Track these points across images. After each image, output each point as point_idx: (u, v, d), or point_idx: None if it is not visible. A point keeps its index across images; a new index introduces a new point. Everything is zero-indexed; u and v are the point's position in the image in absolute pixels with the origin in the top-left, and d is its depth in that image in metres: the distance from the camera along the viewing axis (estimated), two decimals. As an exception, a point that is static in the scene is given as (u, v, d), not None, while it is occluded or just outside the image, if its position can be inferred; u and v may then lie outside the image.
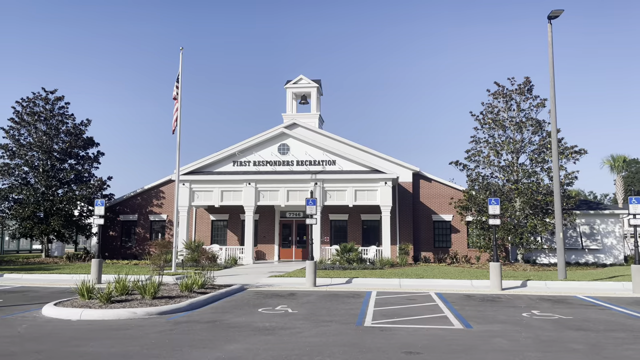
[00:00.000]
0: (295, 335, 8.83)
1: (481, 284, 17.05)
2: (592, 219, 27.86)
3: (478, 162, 25.72)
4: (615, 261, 27.09)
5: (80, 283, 12.35)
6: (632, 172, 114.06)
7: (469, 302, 13.07)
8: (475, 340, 8.49)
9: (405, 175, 28.77)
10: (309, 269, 16.62)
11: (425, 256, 27.98)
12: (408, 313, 11.28)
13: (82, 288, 11.98)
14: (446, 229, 29.09)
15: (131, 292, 12.98)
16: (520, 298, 14.02)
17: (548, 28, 19.29)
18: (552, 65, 19.29)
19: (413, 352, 7.62)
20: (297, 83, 31.23)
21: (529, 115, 25.07)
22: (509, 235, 24.21)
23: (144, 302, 11.80)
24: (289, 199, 26.71)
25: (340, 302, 12.94)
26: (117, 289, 12.47)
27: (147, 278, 13.46)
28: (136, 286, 12.48)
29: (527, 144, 25.16)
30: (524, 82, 25.18)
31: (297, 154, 27.83)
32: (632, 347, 8.06)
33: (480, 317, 10.76)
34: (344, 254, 23.61)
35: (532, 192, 23.86)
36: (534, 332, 9.17)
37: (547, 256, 27.42)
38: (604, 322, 10.24)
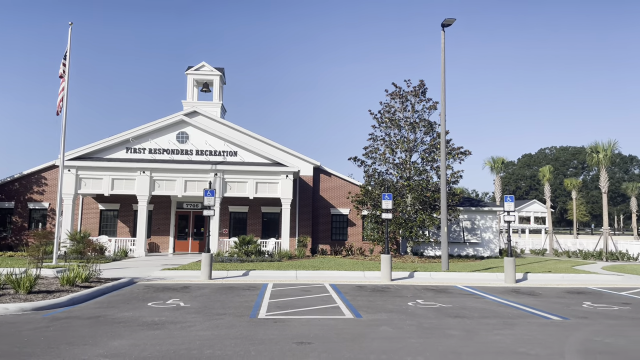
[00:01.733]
0: (185, 330, 8.59)
1: (373, 275, 17.83)
2: (473, 215, 30.30)
3: (375, 159, 26.79)
4: (491, 254, 29.73)
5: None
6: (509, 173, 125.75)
7: (360, 293, 13.60)
8: (363, 329, 8.86)
9: (306, 169, 29.16)
10: (204, 262, 16.25)
11: (322, 248, 28.63)
12: (302, 304, 11.47)
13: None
14: (343, 222, 29.98)
15: (3, 286, 11.80)
16: (407, 288, 14.88)
17: (441, 35, 20.57)
18: (444, 70, 20.62)
19: (304, 342, 7.77)
20: (199, 70, 30.26)
21: (422, 116, 26.58)
22: (400, 229, 25.55)
23: (17, 297, 10.79)
24: (187, 190, 25.87)
25: (236, 295, 12.82)
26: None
27: (23, 271, 12.30)
28: (9, 280, 11.37)
29: (419, 143, 26.67)
30: (418, 84, 26.64)
31: (197, 143, 27.01)
32: (501, 332, 8.89)
33: (370, 307, 11.25)
34: (242, 247, 23.41)
35: (422, 189, 25.37)
36: (417, 320, 9.79)
37: (434, 249, 29.37)
38: (479, 310, 11.20)
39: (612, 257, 29.94)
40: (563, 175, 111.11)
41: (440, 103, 21.53)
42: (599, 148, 35.32)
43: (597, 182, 37.61)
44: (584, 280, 17.80)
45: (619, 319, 10.36)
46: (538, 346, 7.80)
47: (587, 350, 7.57)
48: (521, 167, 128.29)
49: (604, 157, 34.94)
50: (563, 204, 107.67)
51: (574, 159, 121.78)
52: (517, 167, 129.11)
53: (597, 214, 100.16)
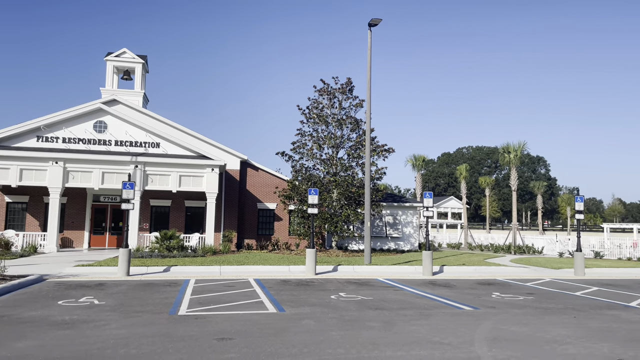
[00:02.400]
0: (99, 329, 8.19)
1: (298, 269, 17.96)
2: (396, 210, 31.36)
3: (302, 154, 26.93)
4: (412, 248, 30.94)
5: None
6: (430, 170, 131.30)
7: (284, 287, 13.65)
8: (286, 323, 8.90)
9: (233, 163, 28.71)
10: (122, 257, 15.55)
11: (248, 243, 28.38)
12: (225, 300, 11.32)
13: None
14: (270, 217, 29.88)
15: None
16: (331, 282, 15.13)
17: (368, 35, 21.03)
18: (370, 69, 21.10)
19: (226, 338, 7.67)
20: (120, 56, 28.80)
21: (349, 113, 27.07)
22: (326, 223, 25.91)
23: None
24: (105, 182, 24.58)
25: (155, 292, 12.40)
26: None
27: None
28: None
29: (346, 140, 27.15)
30: (346, 82, 27.08)
31: (116, 133, 25.72)
32: (417, 322, 9.29)
33: (293, 301, 11.32)
34: (164, 242, 22.64)
35: (347, 185, 25.87)
36: (339, 313, 9.98)
37: (357, 243, 30.08)
38: (398, 302, 11.62)
39: (519, 251, 32.21)
40: (478, 173, 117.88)
41: (366, 101, 22.02)
42: (510, 149, 37.81)
43: (508, 181, 40.32)
44: (494, 273, 19.01)
45: (523, 308, 11.17)
46: (451, 335, 8.23)
47: (495, 338, 8.10)
48: (440, 165, 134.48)
49: (515, 157, 37.45)
50: (478, 201, 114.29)
51: (488, 159, 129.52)
52: (436, 165, 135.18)
53: (507, 210, 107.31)
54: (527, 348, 7.49)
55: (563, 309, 11.07)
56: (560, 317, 10.14)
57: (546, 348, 7.53)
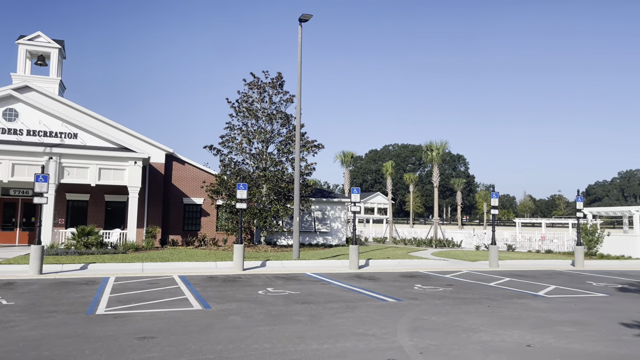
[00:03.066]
0: (7, 330, 7.61)
1: (225, 265, 17.69)
2: (324, 205, 31.73)
3: (232, 149, 26.49)
4: (339, 242, 31.47)
5: None
6: (358, 167, 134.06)
7: (211, 284, 13.40)
8: (212, 320, 8.74)
9: (157, 156, 27.67)
10: (34, 255, 14.54)
11: (173, 239, 27.53)
12: (148, 297, 10.92)
13: None
14: (197, 212, 29.16)
15: None
16: (259, 277, 15.05)
17: (299, 30, 21.05)
18: (300, 65, 21.15)
19: (147, 337, 7.41)
20: (34, 40, 26.79)
21: (279, 108, 26.97)
22: (255, 219, 25.70)
23: None
24: (15, 174, 22.79)
25: (71, 290, 11.72)
26: None
27: None
28: None
29: (276, 135, 27.03)
30: (276, 76, 26.95)
31: (28, 122, 23.94)
32: (343, 315, 9.47)
33: (219, 297, 11.14)
34: (81, 238, 21.40)
35: (277, 180, 25.80)
36: (266, 308, 9.96)
37: (287, 238, 30.12)
38: (325, 295, 11.79)
39: (440, 244, 33.75)
40: (403, 170, 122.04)
41: (296, 96, 22.05)
42: (433, 147, 39.47)
43: (431, 178, 42.09)
44: (417, 265, 19.78)
45: (443, 299, 11.72)
46: (375, 326, 8.47)
47: (416, 328, 8.44)
48: (368, 162, 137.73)
49: (437, 155, 39.15)
50: (402, 197, 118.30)
51: (413, 156, 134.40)
52: (364, 162, 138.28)
53: (430, 206, 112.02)
54: (445, 336, 7.88)
55: (479, 299, 11.74)
56: (476, 306, 10.75)
57: (463, 336, 7.95)
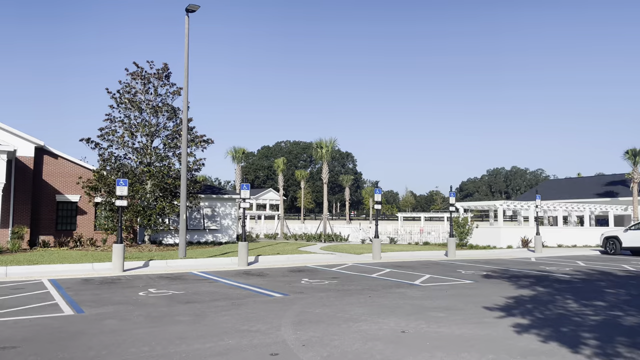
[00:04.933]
0: None
1: (103, 266, 16.60)
2: (214, 202, 31.07)
3: (112, 142, 24.86)
4: (230, 239, 31.04)
5: None
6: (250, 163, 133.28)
7: (86, 287, 12.49)
8: (85, 325, 8.16)
9: (26, 149, 25.05)
10: None
11: (45, 240, 25.15)
12: (11, 304, 9.89)
13: None
14: (72, 210, 26.93)
15: None
16: (140, 278, 14.34)
17: (185, 20, 20.35)
18: (187, 56, 20.47)
19: (8, 347, 6.73)
20: None
21: (165, 101, 25.82)
22: (138, 216, 24.39)
23: None
24: None
25: None
26: None
27: None
28: None
29: (162, 128, 25.86)
30: (162, 67, 25.76)
31: None
32: (229, 312, 9.38)
33: (95, 301, 10.43)
34: None
35: (163, 176, 24.71)
36: (146, 310, 9.52)
37: (173, 237, 29.02)
38: (211, 294, 11.57)
39: (329, 239, 34.77)
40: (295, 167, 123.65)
41: (183, 89, 21.30)
42: (323, 144, 40.50)
43: (321, 174, 43.14)
44: (305, 260, 20.20)
45: (327, 291, 12.10)
46: (260, 322, 8.51)
47: (300, 322, 8.62)
48: (260, 158, 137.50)
49: (326, 153, 40.25)
50: (294, 193, 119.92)
51: (304, 153, 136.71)
52: (256, 158, 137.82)
53: (320, 202, 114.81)
54: (327, 328, 8.15)
55: (361, 290, 12.31)
56: (358, 297, 11.25)
57: (344, 326, 8.28)
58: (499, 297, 11.40)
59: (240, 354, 6.62)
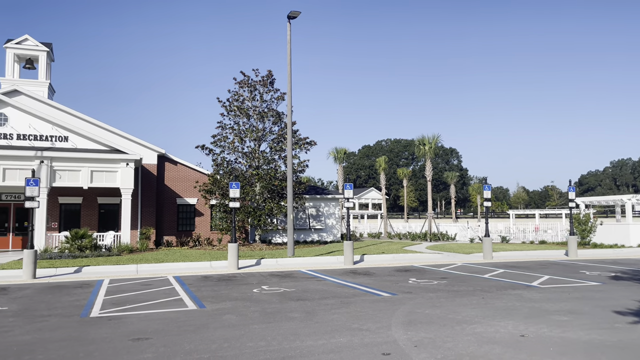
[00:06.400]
0: (1, 335, 7.57)
1: (220, 264, 17.68)
2: (318, 202, 31.74)
3: (224, 148, 26.45)
4: (334, 239, 31.51)
5: None
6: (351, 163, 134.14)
7: (205, 283, 13.39)
8: (207, 319, 8.74)
9: (149, 157, 27.56)
10: (27, 259, 14.47)
11: (168, 240, 27.46)
12: (142, 299, 10.90)
13: None
14: (190, 212, 29.09)
15: None
16: (253, 275, 15.05)
17: (287, 27, 21.01)
18: (290, 62, 21.11)
19: (142, 338, 7.40)
20: (22, 44, 26.57)
21: (270, 106, 26.93)
22: (249, 217, 25.68)
23: None
24: (6, 179, 22.64)
25: (65, 294, 11.67)
26: None
27: None
28: None
29: (268, 133, 27.01)
30: (267, 74, 26.89)
31: (18, 126, 23.77)
32: (338, 311, 9.50)
33: (214, 297, 11.14)
34: (75, 241, 21.31)
35: (270, 178, 25.78)
36: (261, 306, 9.97)
37: (281, 236, 30.13)
38: (320, 292, 11.81)
39: (435, 238, 33.88)
40: (396, 165, 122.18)
41: (287, 94, 22.02)
42: (426, 141, 39.54)
43: (424, 172, 42.15)
44: (411, 259, 19.85)
45: (437, 292, 11.78)
46: (370, 321, 8.51)
47: (410, 322, 8.48)
48: (361, 158, 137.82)
49: (429, 149, 39.23)
50: (396, 191, 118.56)
51: (406, 151, 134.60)
52: (358, 158, 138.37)
53: (424, 200, 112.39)
54: (439, 329, 7.92)
55: (472, 291, 11.81)
56: (470, 298, 10.81)
57: (457, 328, 8.00)
58: (632, 301, 10.30)
59: (352, 352, 6.66)
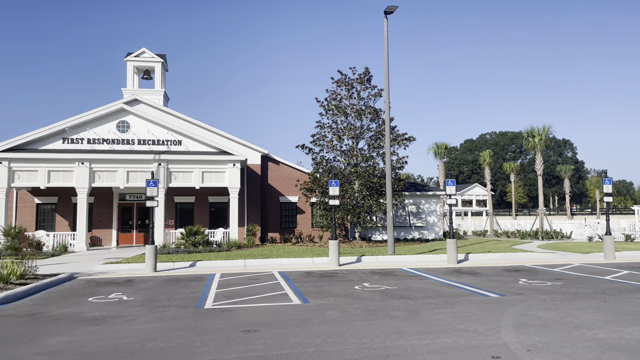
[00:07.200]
0: (128, 323, 8.37)
1: (321, 261, 18.02)
2: (418, 199, 31.12)
3: (322, 146, 26.92)
4: (436, 237, 30.70)
5: None
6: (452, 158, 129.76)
7: (308, 279, 13.71)
8: (310, 314, 8.95)
9: (254, 158, 28.88)
10: (148, 254, 15.84)
11: (272, 237, 28.57)
12: (250, 293, 11.43)
13: None
14: (292, 210, 30.01)
15: None
16: (354, 272, 15.14)
17: (384, 22, 20.80)
18: (387, 58, 20.89)
19: (251, 330, 7.76)
20: (140, 56, 29.16)
21: (367, 103, 26.90)
22: (348, 215, 25.89)
23: (-57, 298, 10.12)
24: (129, 181, 25.01)
25: (182, 287, 12.60)
26: None
27: (-51, 271, 11.55)
28: None
29: (365, 130, 27.01)
30: (364, 72, 26.89)
31: (138, 132, 26.12)
32: (443, 310, 9.23)
33: (317, 292, 11.37)
34: (189, 237, 22.96)
35: (369, 175, 25.77)
36: (363, 303, 9.99)
37: (381, 233, 29.98)
38: (422, 291, 11.56)
39: (547, 236, 31.65)
40: (502, 159, 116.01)
41: (384, 90, 21.83)
42: (535, 133, 37.04)
43: (534, 165, 39.46)
44: (521, 259, 18.73)
45: (551, 294, 10.98)
46: (477, 322, 8.16)
47: (522, 324, 7.99)
48: (463, 152, 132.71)
49: (539, 141, 36.69)
50: (503, 187, 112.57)
51: (512, 144, 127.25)
52: (459, 152, 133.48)
53: (534, 196, 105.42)
54: (555, 333, 7.38)
55: (592, 294, 10.85)
56: (590, 301, 9.94)
57: (575, 333, 7.39)
58: None
59: (458, 353, 6.43)
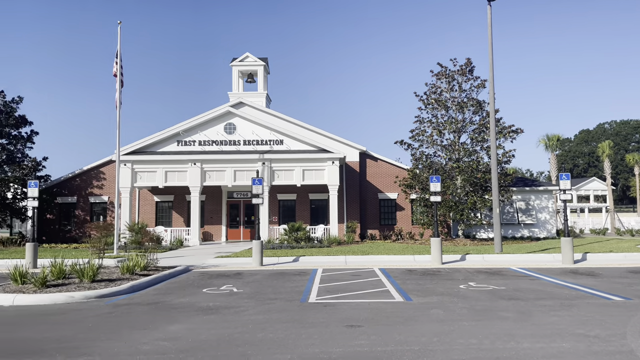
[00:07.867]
0: (239, 314, 8.84)
1: (423, 258, 17.65)
2: (527, 195, 29.29)
3: (422, 142, 26.34)
4: (548, 235, 28.70)
5: (12, 268, 11.78)
6: (566, 150, 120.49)
7: (410, 277, 13.51)
8: (414, 312, 8.81)
9: (352, 155, 29.08)
10: (255, 249, 16.61)
11: (371, 234, 28.57)
12: (352, 288, 11.53)
13: (15, 273, 11.44)
14: (391, 206, 29.76)
15: (68, 275, 12.52)
16: (459, 271, 14.64)
17: (488, 10, 19.83)
18: (491, 47, 19.89)
19: (354, 325, 7.82)
20: (244, 61, 30.64)
21: (470, 95, 25.83)
22: (450, 211, 25.09)
23: (82, 285, 11.42)
24: (236, 179, 26.42)
25: (287, 280, 13.04)
26: (52, 272, 12.01)
27: (86, 262, 13.01)
28: (74, 270, 12.04)
29: (468, 123, 25.97)
30: (465, 63, 25.86)
31: (243, 133, 27.47)
32: (558, 313, 8.61)
33: (420, 290, 11.16)
34: (292, 233, 23.72)
35: (472, 170, 24.75)
36: (469, 303, 9.62)
37: (486, 231, 28.67)
38: (534, 292, 10.87)
39: (680, 235, 28.22)
40: (625, 150, 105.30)
41: (488, 81, 20.84)
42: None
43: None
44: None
45: (687, 299, 9.78)
46: (598, 327, 7.50)
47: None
48: (578, 144, 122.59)
49: (670, 129, 32.77)
50: (625, 181, 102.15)
51: (636, 133, 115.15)
52: (573, 144, 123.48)
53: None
54: (694, 344, 6.55)
55: None
56: None
57: None
58: None
59: (577, 359, 5.96)
